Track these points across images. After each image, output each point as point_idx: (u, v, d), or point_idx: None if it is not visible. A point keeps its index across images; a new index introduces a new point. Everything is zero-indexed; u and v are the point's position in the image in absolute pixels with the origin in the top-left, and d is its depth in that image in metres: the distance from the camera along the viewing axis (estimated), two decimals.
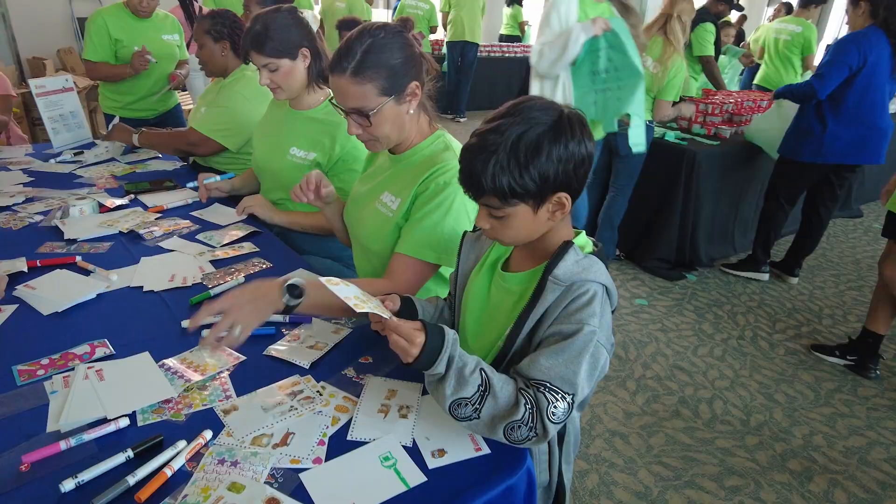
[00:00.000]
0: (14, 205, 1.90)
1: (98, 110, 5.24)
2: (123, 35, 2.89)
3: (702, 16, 4.22)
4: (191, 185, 1.85)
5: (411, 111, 1.30)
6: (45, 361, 1.16)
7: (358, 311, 0.94)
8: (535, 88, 2.70)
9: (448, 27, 7.14)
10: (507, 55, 8.17)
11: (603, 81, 2.62)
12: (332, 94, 1.91)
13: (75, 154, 2.48)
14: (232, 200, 2.04)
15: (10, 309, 1.33)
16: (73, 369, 1.13)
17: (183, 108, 3.44)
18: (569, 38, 2.48)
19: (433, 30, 7.11)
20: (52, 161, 2.41)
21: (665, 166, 3.50)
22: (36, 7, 5.37)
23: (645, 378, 2.63)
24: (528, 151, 0.86)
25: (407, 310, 1.12)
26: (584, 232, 1.00)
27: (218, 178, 1.84)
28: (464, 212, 1.30)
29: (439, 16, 7.17)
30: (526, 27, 9.16)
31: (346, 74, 1.22)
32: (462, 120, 7.59)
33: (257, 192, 2.05)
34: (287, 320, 1.33)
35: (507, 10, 9.26)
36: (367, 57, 1.21)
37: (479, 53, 7.38)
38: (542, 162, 0.87)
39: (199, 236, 1.76)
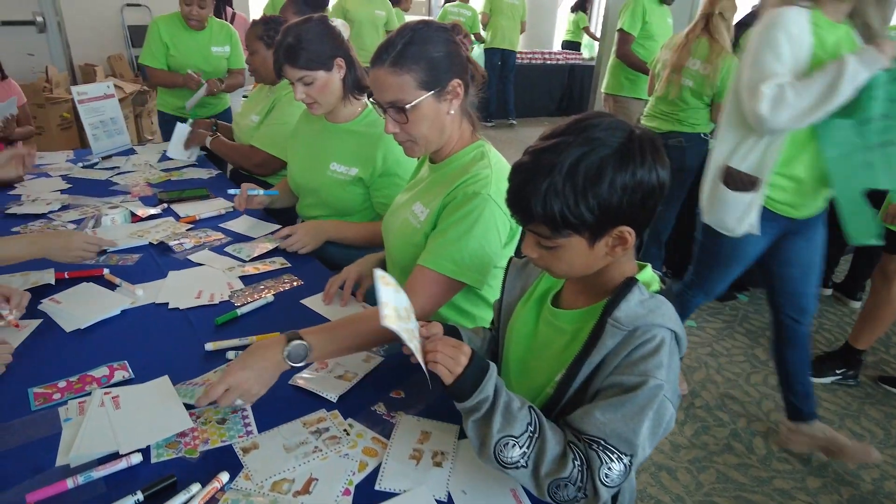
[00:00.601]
0: (50, 212, 1.88)
1: (148, 113, 5.35)
2: (173, 44, 2.89)
3: (751, 19, 4.00)
4: (232, 191, 1.78)
5: (452, 111, 1.21)
6: (62, 384, 1.10)
7: (385, 323, 0.82)
8: (723, 151, 1.91)
9: (487, 33, 7.02)
10: (547, 62, 8.00)
11: (882, 131, 1.70)
12: (369, 107, 1.85)
13: (103, 159, 2.49)
14: (264, 212, 1.98)
15: (34, 324, 1.28)
16: (89, 394, 1.07)
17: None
18: (840, 73, 1.59)
19: (476, 37, 7.02)
20: (80, 165, 2.42)
21: None
22: (89, 15, 5.51)
23: (694, 407, 2.46)
24: (587, 177, 0.76)
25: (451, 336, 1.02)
26: (649, 266, 0.88)
27: (262, 192, 1.77)
28: (493, 226, 1.19)
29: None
30: (588, 34, 8.91)
31: (384, 65, 1.16)
32: (512, 122, 7.46)
33: (292, 206, 1.99)
34: None
35: (570, 16, 9.06)
36: (407, 48, 1.15)
37: (519, 60, 7.26)
38: (602, 190, 0.76)
39: (229, 248, 1.70)
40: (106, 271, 1.50)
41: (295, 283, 1.52)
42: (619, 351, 0.79)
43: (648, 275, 0.87)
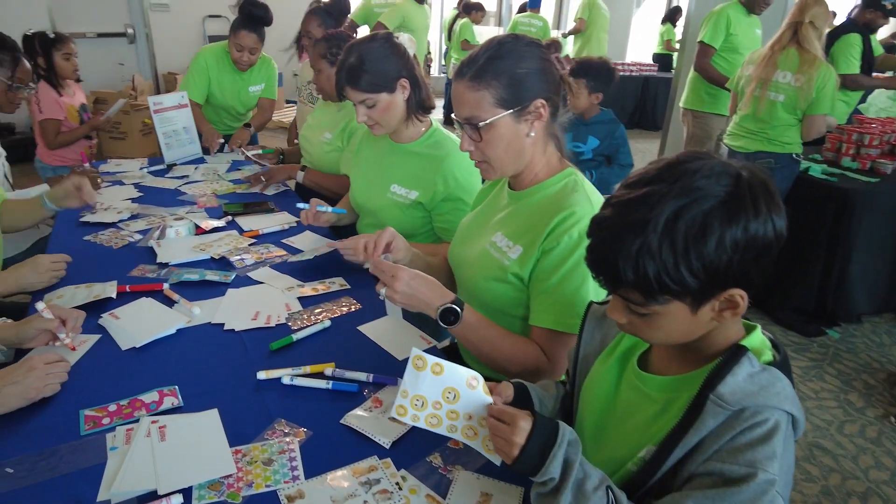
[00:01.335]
0: (119, 221, 1.91)
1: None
2: (216, 79, 2.89)
3: (845, 27, 3.67)
4: (301, 205, 1.74)
5: (532, 134, 1.12)
6: (112, 408, 1.07)
7: (393, 414, 0.86)
8: None
9: (577, 42, 6.76)
10: (620, 73, 7.74)
11: None
12: (434, 126, 1.78)
13: (173, 167, 2.54)
14: (329, 229, 1.94)
15: (92, 339, 1.27)
16: (137, 420, 1.03)
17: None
18: None
19: None
20: (142, 170, 2.48)
21: (808, 204, 3.03)
22: (174, 26, 5.78)
23: None
24: (689, 235, 0.64)
25: (520, 400, 0.92)
26: (758, 328, 0.74)
27: (330, 209, 1.73)
28: None
29: (554, 32, 6.88)
30: (668, 47, 8.54)
31: (464, 78, 1.10)
32: None
33: (354, 223, 1.94)
34: (371, 380, 1.17)
35: (660, 29, 8.75)
36: (490, 62, 1.08)
37: None
38: (708, 250, 0.64)
39: (290, 263, 1.66)
40: (166, 286, 1.49)
41: (353, 307, 1.45)
42: (722, 433, 0.66)
43: (758, 340, 0.73)
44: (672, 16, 8.23)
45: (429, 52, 7.20)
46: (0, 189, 1.70)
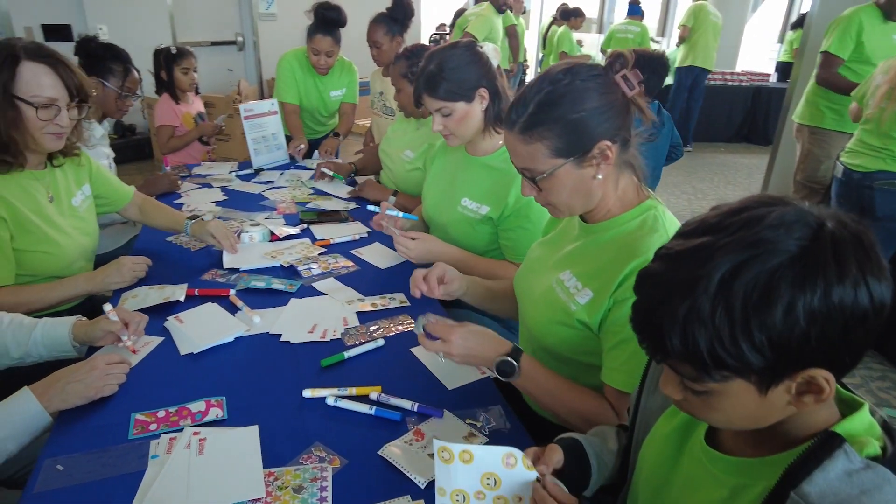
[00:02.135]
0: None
1: None
2: (300, 82, 2.94)
3: None
4: (372, 207, 1.72)
5: (600, 176, 1.00)
6: (161, 414, 1.08)
7: None
8: None
9: (682, 50, 6.36)
10: (728, 83, 7.21)
11: None
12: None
13: (259, 172, 2.63)
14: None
15: (155, 341, 1.31)
16: (181, 430, 1.04)
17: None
18: None
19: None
20: (231, 174, 2.58)
21: None
22: (279, 34, 6.07)
23: None
24: (748, 300, 0.52)
25: (574, 458, 0.83)
26: (865, 407, 0.60)
27: (402, 214, 1.69)
28: None
29: (650, 36, 6.53)
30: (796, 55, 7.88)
31: (513, 130, 1.00)
32: (688, 149, 6.79)
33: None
34: (415, 409, 1.11)
35: (789, 35, 8.13)
36: (540, 110, 0.97)
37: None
38: (774, 320, 0.51)
39: (354, 276, 1.65)
40: (232, 292, 1.51)
41: (409, 327, 1.40)
42: None
43: (861, 426, 0.59)
44: (803, 22, 7.54)
45: (525, 60, 7.10)
46: (125, 190, 1.81)
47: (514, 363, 1.04)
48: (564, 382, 1.07)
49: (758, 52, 8.98)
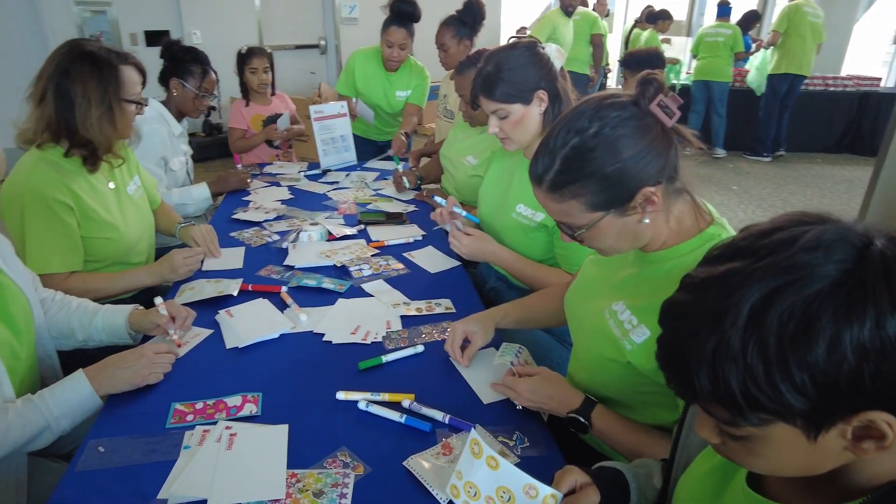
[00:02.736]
0: (264, 221, 2.05)
1: None
2: (364, 80, 2.99)
3: None
4: (439, 199, 1.70)
5: (647, 220, 0.90)
6: (199, 405, 1.11)
7: None
8: None
9: (775, 55, 5.95)
10: (830, 89, 6.65)
11: None
12: None
13: (326, 173, 2.68)
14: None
15: (204, 334, 1.35)
16: (215, 423, 1.06)
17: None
18: None
19: (738, 56, 6.12)
20: (300, 174, 2.64)
21: None
22: (360, 37, 6.23)
23: None
24: (784, 334, 0.45)
25: (615, 490, 0.77)
26: None
27: (465, 214, 1.67)
28: None
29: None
30: None
31: (541, 188, 0.92)
32: (766, 159, 6.35)
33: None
34: (446, 421, 1.07)
35: None
36: (567, 167, 0.88)
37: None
38: (815, 356, 0.44)
39: (404, 279, 1.64)
40: (284, 289, 1.54)
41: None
42: None
43: None
44: None
45: (607, 64, 6.88)
46: (156, 195, 1.94)
47: (585, 421, 0.99)
48: (643, 437, 0.97)
49: (868, 55, 8.24)
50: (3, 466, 1.04)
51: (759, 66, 6.17)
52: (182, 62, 2.23)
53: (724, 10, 6.08)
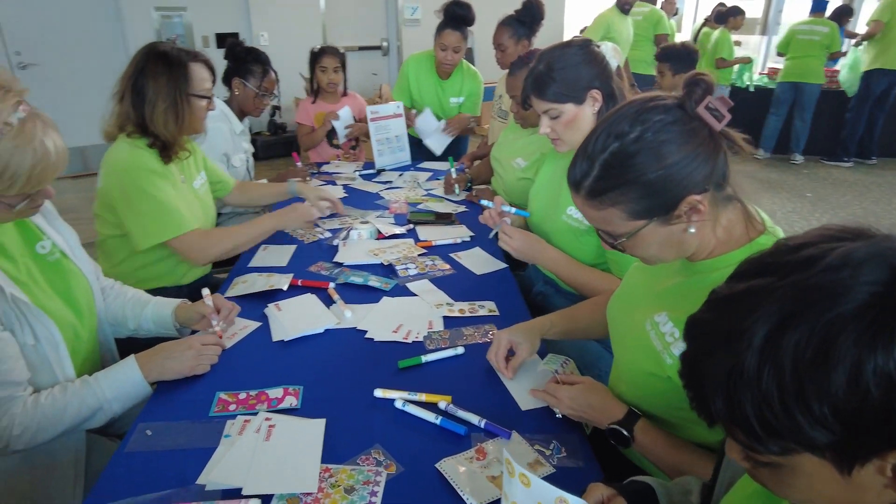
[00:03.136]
0: (320, 218, 2.09)
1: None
2: (417, 85, 2.99)
3: None
4: (485, 202, 1.69)
5: (692, 230, 0.85)
6: (242, 395, 1.14)
7: None
8: None
9: (870, 50, 5.48)
10: None
11: None
12: None
13: (381, 172, 2.70)
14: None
15: (252, 326, 1.39)
16: (256, 413, 1.08)
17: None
18: None
19: (833, 56, 5.71)
20: (355, 173, 2.68)
21: None
22: (423, 39, 6.29)
23: None
24: (800, 360, 0.41)
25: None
26: None
27: (515, 211, 1.65)
28: None
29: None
30: None
31: (579, 194, 0.89)
32: (846, 164, 5.93)
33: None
34: (482, 425, 1.06)
35: None
36: (607, 174, 0.84)
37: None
38: (835, 387, 0.40)
39: (449, 279, 1.64)
40: (332, 286, 1.57)
41: (491, 337, 1.35)
42: None
43: None
44: None
45: None
46: (228, 178, 2.07)
47: (627, 434, 0.96)
48: (686, 455, 0.92)
49: None
50: (63, 441, 1.11)
51: (851, 65, 5.69)
52: (244, 62, 2.31)
53: (819, 5, 5.61)
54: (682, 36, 7.90)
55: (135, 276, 1.64)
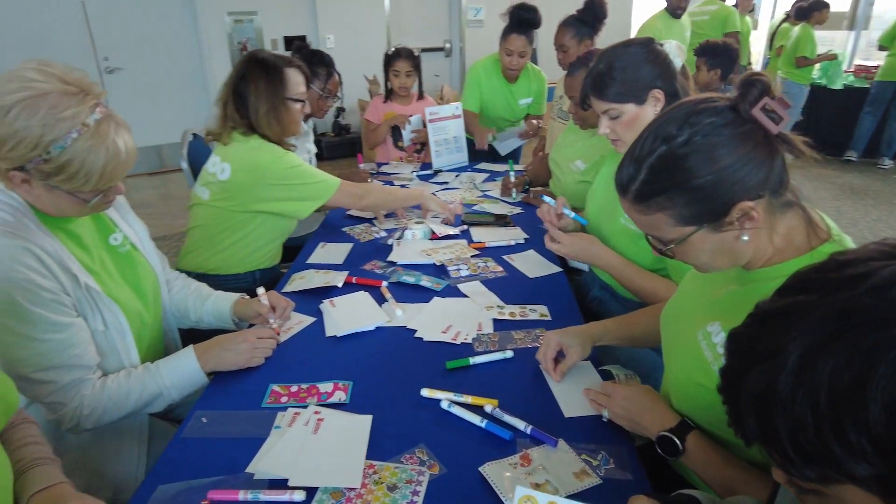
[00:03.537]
0: (374, 218, 2.12)
1: None
2: (487, 93, 2.97)
3: None
4: (548, 199, 1.67)
5: (745, 237, 0.81)
6: (294, 388, 1.17)
7: None
8: None
9: None
10: None
11: None
12: None
13: (435, 172, 2.70)
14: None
15: (307, 321, 1.43)
16: (306, 406, 1.11)
17: None
18: None
19: None
20: (412, 174, 2.69)
21: None
22: (485, 41, 6.30)
23: None
24: (835, 387, 0.38)
25: None
26: None
27: (574, 216, 1.62)
28: None
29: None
30: None
31: (626, 198, 0.86)
32: None
33: None
34: (528, 431, 1.04)
35: None
36: (654, 178, 0.81)
37: None
38: (873, 417, 0.37)
39: (501, 281, 1.62)
40: (385, 284, 1.59)
41: (541, 342, 1.32)
42: None
43: None
44: None
45: (749, 63, 6.33)
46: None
47: (678, 443, 0.91)
48: (740, 473, 0.87)
49: None
50: (129, 423, 1.18)
51: None
52: (309, 64, 2.36)
53: None
54: (759, 34, 7.52)
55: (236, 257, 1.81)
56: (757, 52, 7.38)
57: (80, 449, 1.15)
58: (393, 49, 2.97)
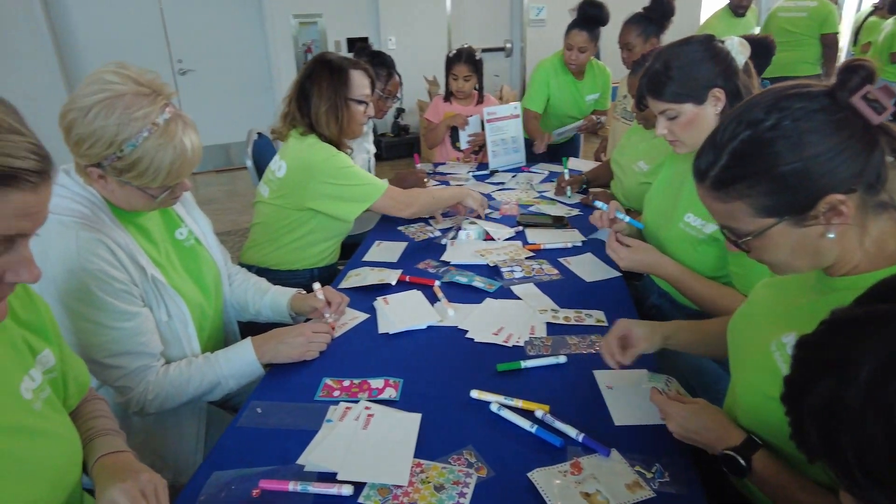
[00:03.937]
0: (430, 218, 2.13)
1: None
2: (553, 88, 2.94)
3: None
4: (600, 204, 1.63)
5: (831, 235, 0.76)
6: (346, 383, 1.19)
7: None
8: None
9: None
10: None
11: None
12: None
13: (492, 172, 2.67)
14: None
15: (362, 317, 1.45)
16: (357, 402, 1.12)
17: None
18: None
19: None
20: (468, 174, 2.68)
21: None
22: (546, 41, 6.21)
23: None
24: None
25: None
26: None
27: (628, 220, 1.57)
28: None
29: None
30: None
31: (703, 184, 0.81)
32: None
33: None
34: (580, 439, 1.01)
35: None
36: (735, 162, 0.77)
37: None
38: None
39: (555, 284, 1.59)
40: (437, 283, 1.59)
41: (597, 348, 1.29)
42: None
43: None
44: None
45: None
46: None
47: (743, 462, 0.86)
48: (811, 496, 0.82)
49: None
50: (189, 410, 1.23)
51: None
52: (370, 65, 2.40)
53: None
54: (843, 27, 7.07)
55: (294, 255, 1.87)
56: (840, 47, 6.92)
57: (144, 432, 1.21)
58: (454, 51, 2.97)
